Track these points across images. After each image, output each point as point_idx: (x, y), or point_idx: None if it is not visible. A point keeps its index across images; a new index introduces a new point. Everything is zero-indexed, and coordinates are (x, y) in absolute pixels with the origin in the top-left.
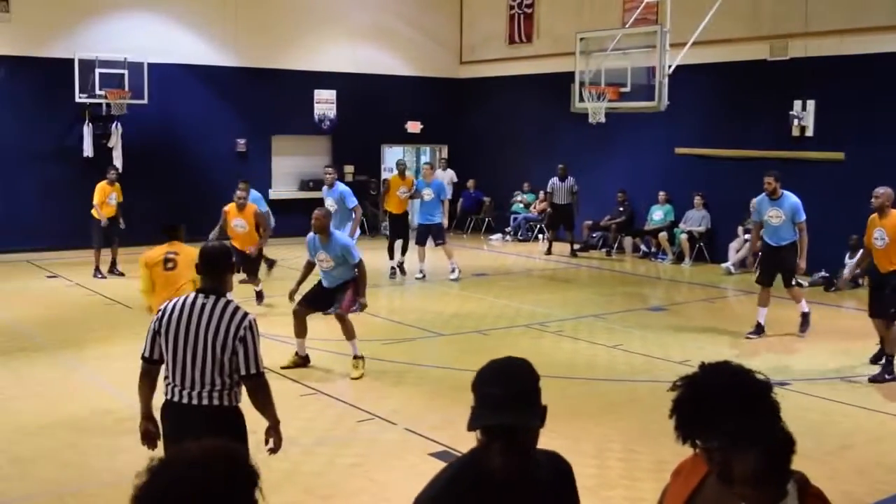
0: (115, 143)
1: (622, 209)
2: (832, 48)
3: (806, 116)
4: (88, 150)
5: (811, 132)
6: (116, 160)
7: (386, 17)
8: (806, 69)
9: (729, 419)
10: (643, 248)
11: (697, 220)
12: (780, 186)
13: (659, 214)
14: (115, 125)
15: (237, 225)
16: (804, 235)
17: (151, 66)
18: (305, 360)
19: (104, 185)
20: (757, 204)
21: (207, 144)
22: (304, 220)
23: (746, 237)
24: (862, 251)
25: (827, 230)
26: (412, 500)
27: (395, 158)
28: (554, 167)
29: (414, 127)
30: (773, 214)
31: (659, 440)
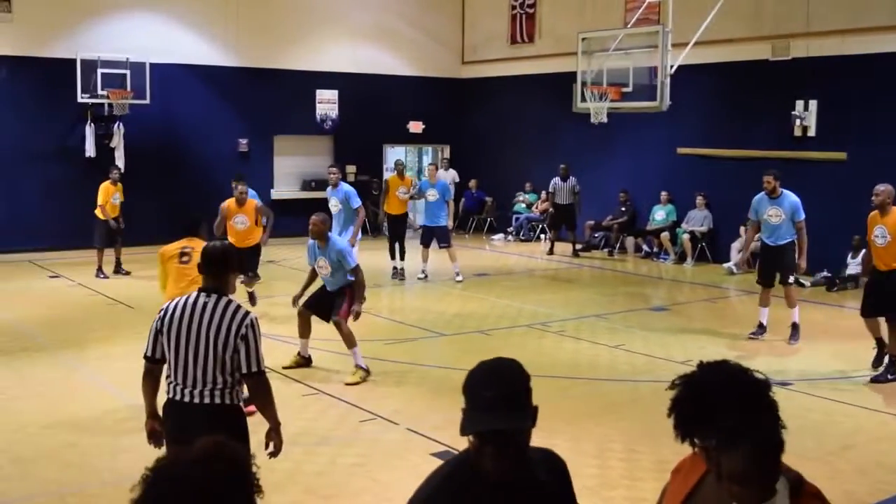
0: (117, 143)
1: (624, 209)
2: (834, 48)
3: (808, 116)
4: (90, 150)
5: (813, 132)
6: (118, 160)
7: (388, 17)
8: (808, 69)
9: (727, 417)
10: (645, 248)
11: (699, 220)
12: (779, 185)
13: (661, 214)
14: (117, 125)
15: (238, 221)
16: (803, 235)
17: (153, 66)
18: (307, 360)
19: (108, 185)
20: (756, 203)
21: (209, 144)
22: (305, 220)
23: None
24: (864, 251)
25: (829, 230)
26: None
27: (397, 159)
28: (556, 167)
29: (416, 127)
30: (772, 213)
31: (660, 440)
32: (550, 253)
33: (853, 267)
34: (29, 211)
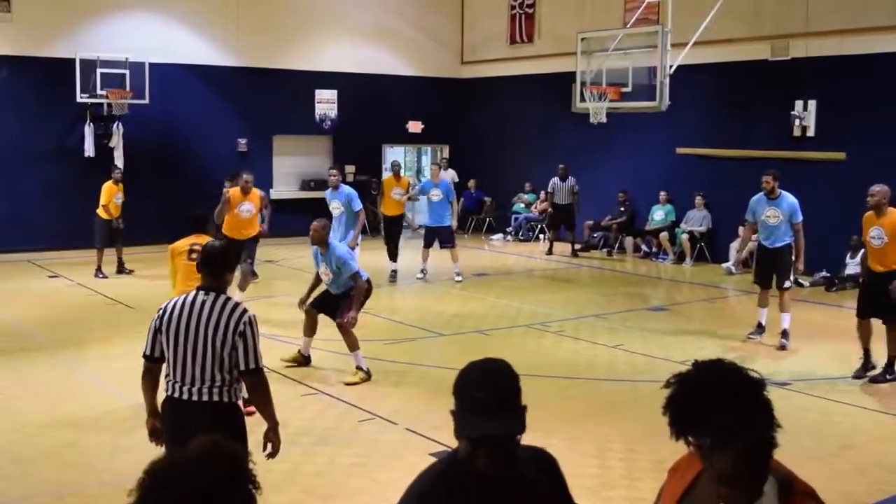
0: (116, 143)
1: (623, 209)
2: (833, 48)
3: (807, 116)
4: (90, 149)
5: (812, 132)
6: (118, 160)
7: (387, 17)
8: (807, 69)
9: (721, 415)
10: (644, 248)
11: (698, 220)
12: (778, 186)
13: (660, 214)
14: (116, 125)
15: (244, 209)
16: (800, 237)
17: (153, 65)
18: (307, 359)
19: (111, 184)
20: (753, 204)
21: (208, 144)
22: (304, 220)
23: None
24: (863, 251)
25: (828, 230)
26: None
27: (396, 158)
28: (555, 167)
29: (415, 127)
30: (770, 214)
31: (659, 440)
32: (549, 253)
33: (852, 267)
34: (28, 211)
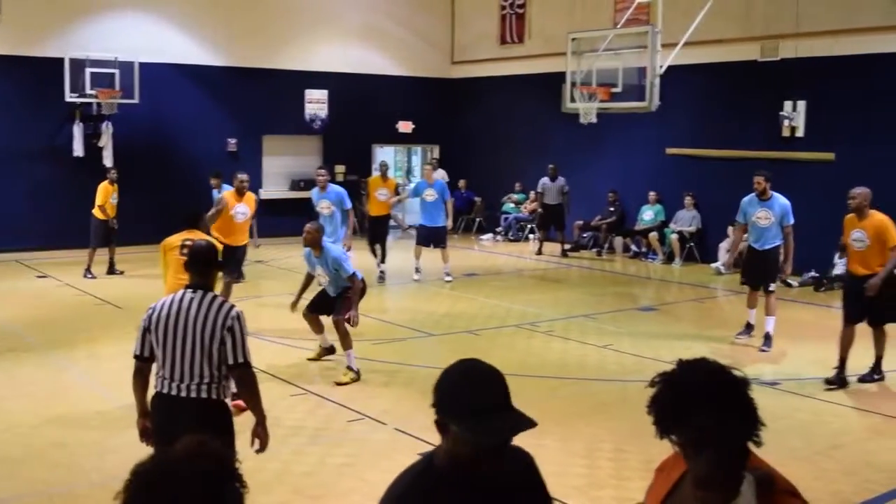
0: (105, 142)
1: (613, 209)
2: (823, 49)
3: (796, 117)
4: (79, 149)
5: (801, 133)
6: (107, 160)
7: (377, 17)
8: (796, 70)
9: (703, 414)
10: (633, 248)
11: (688, 220)
12: (769, 187)
13: (649, 214)
14: (105, 125)
15: (239, 212)
16: (790, 240)
17: (142, 65)
18: (330, 349)
19: (106, 185)
20: (744, 205)
21: (198, 144)
22: (294, 220)
23: None
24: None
25: (817, 230)
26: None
27: (386, 158)
28: (545, 167)
29: (405, 127)
30: (761, 216)
31: (648, 440)
32: (539, 253)
33: (840, 267)
34: (16, 210)
